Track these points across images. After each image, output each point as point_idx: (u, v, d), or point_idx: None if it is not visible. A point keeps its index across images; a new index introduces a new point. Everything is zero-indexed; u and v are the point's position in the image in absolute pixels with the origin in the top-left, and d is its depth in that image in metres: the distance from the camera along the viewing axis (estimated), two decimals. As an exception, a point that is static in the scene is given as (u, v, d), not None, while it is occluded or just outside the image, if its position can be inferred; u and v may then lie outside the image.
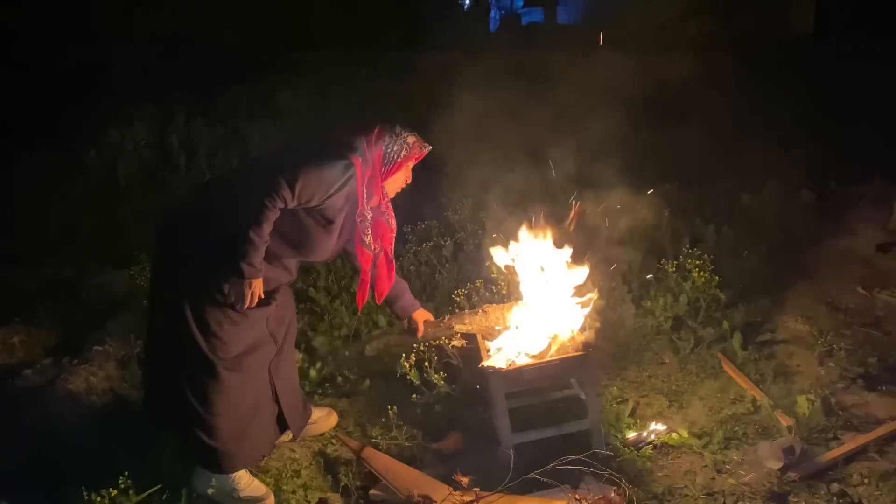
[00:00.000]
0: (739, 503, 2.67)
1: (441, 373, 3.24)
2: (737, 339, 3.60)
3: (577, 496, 2.54)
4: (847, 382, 3.32)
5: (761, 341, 3.67)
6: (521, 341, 2.93)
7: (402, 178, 2.79)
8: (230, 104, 7.75)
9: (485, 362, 2.89)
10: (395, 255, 2.96)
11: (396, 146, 2.69)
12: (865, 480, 2.70)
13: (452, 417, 3.24)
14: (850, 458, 2.82)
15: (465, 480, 2.71)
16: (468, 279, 3.86)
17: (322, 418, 3.17)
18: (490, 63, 6.72)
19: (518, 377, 2.85)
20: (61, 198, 5.46)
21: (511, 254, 3.10)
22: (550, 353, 2.87)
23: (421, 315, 3.06)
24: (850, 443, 2.88)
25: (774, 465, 2.78)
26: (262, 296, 2.54)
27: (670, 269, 3.93)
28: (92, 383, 3.44)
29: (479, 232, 4.50)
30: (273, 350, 2.73)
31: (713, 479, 2.81)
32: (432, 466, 2.93)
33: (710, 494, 2.73)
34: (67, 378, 3.42)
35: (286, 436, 2.98)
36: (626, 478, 2.67)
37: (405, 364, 3.22)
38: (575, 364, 2.88)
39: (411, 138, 2.73)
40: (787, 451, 2.78)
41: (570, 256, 3.02)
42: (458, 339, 3.16)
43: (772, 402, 3.14)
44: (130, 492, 2.49)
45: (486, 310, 3.09)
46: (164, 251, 2.63)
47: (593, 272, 3.02)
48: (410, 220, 4.62)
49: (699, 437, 3.01)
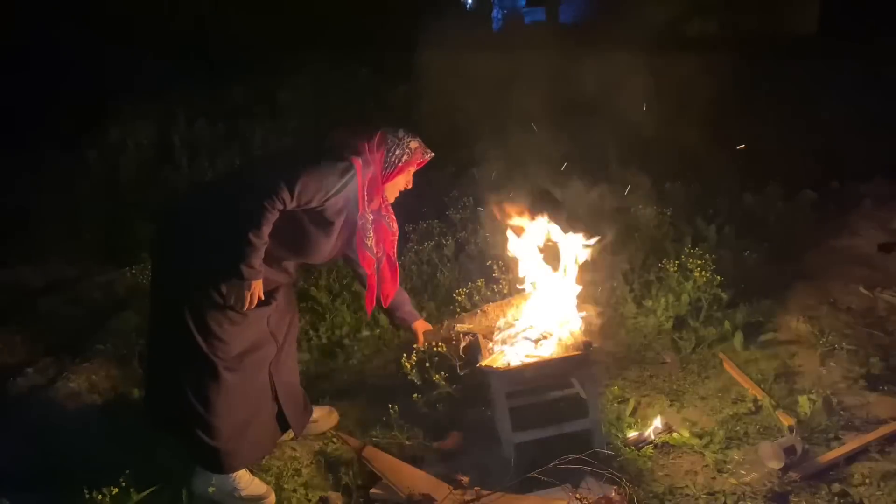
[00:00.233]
0: (740, 503, 2.67)
1: (442, 372, 3.25)
2: (738, 339, 3.60)
3: (577, 496, 2.54)
4: (849, 383, 3.30)
5: (763, 341, 3.66)
6: (522, 341, 2.93)
7: (402, 183, 2.79)
8: (232, 103, 7.75)
9: (485, 361, 2.89)
10: (397, 254, 2.96)
11: (399, 150, 2.68)
12: (867, 481, 2.70)
13: (453, 417, 3.24)
14: (851, 458, 2.81)
15: (465, 479, 2.72)
16: (469, 278, 3.87)
17: (323, 417, 3.17)
18: (494, 62, 6.70)
19: (519, 376, 2.85)
20: (63, 197, 5.46)
21: (524, 240, 3.10)
22: (552, 351, 2.87)
23: (421, 325, 3.09)
24: (852, 443, 2.87)
25: (776, 464, 2.78)
26: (262, 297, 2.54)
27: (672, 269, 3.92)
28: (93, 382, 3.44)
29: (481, 230, 4.50)
30: (274, 349, 2.73)
31: (714, 478, 2.80)
32: (433, 465, 2.93)
33: (710, 494, 2.72)
34: (69, 377, 3.42)
35: (287, 435, 2.99)
36: (626, 477, 2.68)
37: (406, 364, 3.23)
38: (576, 363, 2.88)
39: (414, 143, 2.72)
40: (789, 450, 2.78)
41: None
42: (465, 340, 3.15)
43: (773, 402, 3.14)
44: (131, 490, 2.50)
45: (485, 310, 3.09)
46: (164, 252, 2.63)
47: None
48: (412, 220, 4.62)
49: (700, 437, 3.01)
